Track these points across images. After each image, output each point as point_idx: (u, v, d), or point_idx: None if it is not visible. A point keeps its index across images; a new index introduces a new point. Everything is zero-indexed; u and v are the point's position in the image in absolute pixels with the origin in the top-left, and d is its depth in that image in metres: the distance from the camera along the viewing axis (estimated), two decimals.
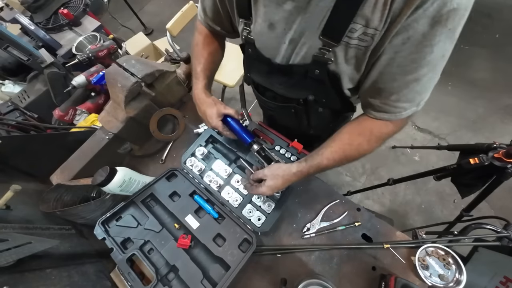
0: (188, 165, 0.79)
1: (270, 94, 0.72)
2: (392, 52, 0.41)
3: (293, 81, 0.61)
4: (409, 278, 0.60)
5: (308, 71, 0.54)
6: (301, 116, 0.74)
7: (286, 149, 0.78)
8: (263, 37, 0.56)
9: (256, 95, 0.80)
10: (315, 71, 0.53)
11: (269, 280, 0.66)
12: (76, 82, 1.02)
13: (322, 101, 0.63)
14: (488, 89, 1.96)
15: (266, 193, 0.60)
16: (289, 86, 0.64)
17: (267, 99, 0.75)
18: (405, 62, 0.42)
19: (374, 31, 0.40)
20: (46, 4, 1.60)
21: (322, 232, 0.69)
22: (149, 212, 0.73)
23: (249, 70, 0.72)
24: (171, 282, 0.64)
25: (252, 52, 0.61)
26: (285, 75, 0.61)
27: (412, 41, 0.38)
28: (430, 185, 1.68)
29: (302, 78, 0.57)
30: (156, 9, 3.30)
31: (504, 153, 0.80)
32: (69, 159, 0.82)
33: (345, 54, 0.47)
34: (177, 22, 1.51)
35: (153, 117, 0.86)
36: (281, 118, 0.84)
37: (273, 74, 0.64)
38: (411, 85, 0.44)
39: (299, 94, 0.64)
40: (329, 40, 0.46)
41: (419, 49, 0.39)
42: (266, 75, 0.66)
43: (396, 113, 0.49)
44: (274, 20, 0.50)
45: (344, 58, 0.48)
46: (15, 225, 0.61)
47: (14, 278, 0.53)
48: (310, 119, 0.74)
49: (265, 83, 0.70)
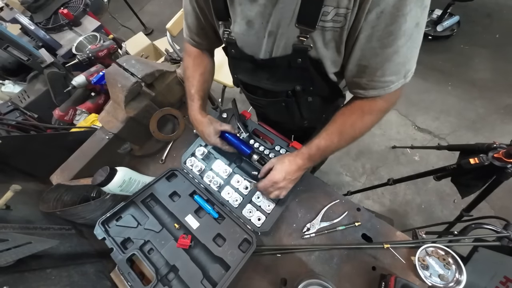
0: (188, 165, 0.79)
1: (259, 91, 0.73)
2: (369, 28, 0.43)
3: (278, 74, 0.62)
4: (409, 278, 0.60)
5: (291, 62, 0.56)
6: (292, 109, 0.74)
7: (286, 149, 0.78)
8: (243, 35, 0.57)
9: (246, 95, 0.81)
10: (297, 60, 0.54)
11: (269, 280, 0.66)
12: (76, 82, 1.02)
13: (309, 89, 0.64)
14: (488, 89, 1.96)
15: (280, 182, 0.62)
16: (275, 80, 0.65)
17: (257, 96, 0.76)
18: (383, 35, 0.43)
19: (346, 11, 0.42)
20: (46, 4, 1.60)
21: (322, 232, 0.70)
22: (149, 212, 0.73)
23: (235, 71, 0.73)
24: (171, 282, 0.64)
25: (235, 52, 0.63)
26: (270, 70, 0.62)
27: (385, 13, 0.40)
28: (430, 185, 1.68)
29: (287, 69, 0.59)
30: (156, 9, 3.30)
31: (504, 153, 0.80)
32: (69, 159, 0.82)
33: (323, 38, 0.49)
34: (177, 22, 1.51)
35: (153, 117, 0.86)
36: (273, 114, 0.85)
37: (258, 71, 0.65)
38: (393, 57, 0.46)
39: (286, 86, 0.65)
40: (305, 26, 0.47)
41: (393, 21, 0.41)
42: (252, 73, 0.67)
43: (385, 88, 0.51)
44: (251, 17, 0.52)
45: (323, 43, 0.50)
46: (15, 225, 0.61)
47: (14, 278, 0.53)
48: (301, 110, 0.75)
49: (252, 81, 0.70)
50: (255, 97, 0.76)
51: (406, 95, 2.04)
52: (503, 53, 2.06)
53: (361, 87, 0.54)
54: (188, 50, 0.77)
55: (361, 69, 0.50)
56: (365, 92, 0.53)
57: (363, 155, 1.89)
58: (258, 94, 0.75)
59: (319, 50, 0.51)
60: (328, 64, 0.55)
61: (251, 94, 0.77)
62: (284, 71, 0.60)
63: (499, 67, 2.01)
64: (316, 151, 0.60)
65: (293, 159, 0.63)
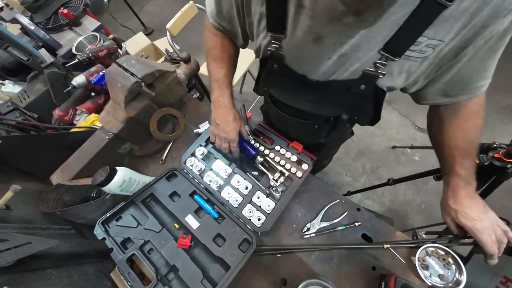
0: (188, 165, 0.79)
1: (292, 111, 0.67)
2: (474, 51, 0.41)
3: (326, 98, 0.57)
4: (409, 278, 0.60)
5: (351, 87, 0.51)
6: (322, 132, 0.70)
7: (286, 149, 0.78)
8: (301, 52, 0.49)
9: (272, 109, 0.74)
10: (360, 86, 0.50)
11: (269, 280, 0.66)
12: (76, 82, 1.02)
13: (354, 118, 0.60)
14: (488, 89, 1.95)
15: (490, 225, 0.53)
16: (319, 104, 0.59)
17: (288, 115, 0.69)
18: (485, 55, 0.42)
19: (438, 42, 0.40)
20: (46, 4, 1.59)
21: (322, 232, 0.69)
22: (149, 212, 0.73)
23: (268, 85, 0.66)
24: (171, 282, 0.64)
25: (278, 68, 0.55)
26: (319, 92, 0.56)
27: (494, 38, 0.39)
28: (430, 185, 1.68)
29: (340, 94, 0.54)
30: (156, 9, 3.30)
31: (504, 153, 0.80)
32: (69, 159, 0.82)
33: (400, 67, 0.45)
34: (177, 22, 1.51)
35: (153, 117, 0.86)
36: (296, 133, 0.79)
37: (301, 91, 0.58)
38: (490, 67, 0.46)
39: (330, 112, 0.61)
40: (389, 54, 0.43)
41: (499, 41, 0.40)
42: (291, 92, 0.61)
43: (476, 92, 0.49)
44: (323, 34, 0.44)
45: (398, 72, 0.46)
46: (15, 225, 0.61)
47: (14, 278, 0.53)
48: (331, 134, 0.71)
49: (288, 100, 0.64)
50: (285, 115, 0.70)
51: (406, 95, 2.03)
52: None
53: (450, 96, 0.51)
54: (213, 29, 0.65)
55: (452, 83, 0.48)
56: (454, 99, 0.51)
57: (363, 155, 1.89)
58: (291, 114, 0.68)
59: (390, 78, 0.47)
60: (389, 91, 0.52)
61: (281, 111, 0.70)
62: (335, 95, 0.54)
63: (499, 67, 1.99)
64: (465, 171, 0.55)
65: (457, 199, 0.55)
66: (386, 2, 0.36)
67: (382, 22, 0.39)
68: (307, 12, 0.42)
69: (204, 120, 0.91)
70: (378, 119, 0.64)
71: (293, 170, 0.74)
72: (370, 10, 0.37)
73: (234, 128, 0.66)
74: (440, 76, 0.48)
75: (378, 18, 0.38)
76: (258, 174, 0.77)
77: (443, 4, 0.34)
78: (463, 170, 0.55)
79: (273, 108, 0.73)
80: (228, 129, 0.66)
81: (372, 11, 0.38)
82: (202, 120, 0.92)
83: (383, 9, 0.37)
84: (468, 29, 0.38)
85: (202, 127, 0.90)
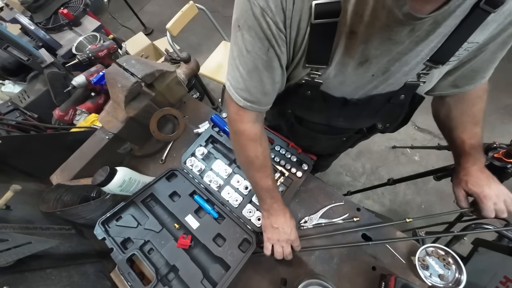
0: (188, 165, 0.79)
1: (321, 128, 0.62)
2: (494, 46, 0.43)
3: (363, 112, 0.55)
4: (409, 278, 0.60)
5: (391, 98, 0.50)
6: (348, 143, 0.69)
7: (286, 149, 0.78)
8: (344, 77, 0.46)
9: (296, 128, 0.67)
10: (400, 96, 0.49)
11: (269, 280, 0.66)
12: (76, 82, 1.02)
13: (386, 126, 0.60)
14: (488, 89, 1.96)
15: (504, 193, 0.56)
16: (355, 118, 0.57)
17: (315, 132, 0.65)
18: (497, 48, 0.44)
19: (474, 45, 0.41)
20: (46, 4, 1.59)
21: (320, 225, 0.70)
22: (149, 212, 0.73)
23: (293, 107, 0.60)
24: (171, 282, 0.64)
25: (312, 94, 0.51)
26: (356, 108, 0.53)
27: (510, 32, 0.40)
28: (430, 185, 1.67)
29: (379, 106, 0.53)
30: (156, 9, 3.30)
31: (504, 153, 0.80)
32: (69, 159, 0.82)
33: (440, 72, 0.46)
34: (177, 22, 1.51)
35: (153, 117, 0.86)
36: (321, 147, 0.74)
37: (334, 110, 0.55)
38: (497, 59, 0.47)
39: (364, 124, 0.60)
40: (434, 64, 0.42)
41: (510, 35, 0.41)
42: (322, 111, 0.56)
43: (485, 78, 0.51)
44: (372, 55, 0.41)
45: (437, 76, 0.47)
46: (15, 225, 0.61)
47: (14, 278, 0.53)
48: (355, 143, 0.71)
49: (317, 118, 0.60)
50: (312, 133, 0.65)
51: None
52: None
53: (458, 87, 0.52)
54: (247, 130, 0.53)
55: (462, 75, 0.49)
56: (462, 89, 0.52)
57: (363, 155, 1.89)
58: (318, 130, 0.64)
59: (429, 85, 0.48)
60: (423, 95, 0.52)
61: (307, 129, 0.65)
62: (374, 108, 0.53)
63: (499, 67, 1.99)
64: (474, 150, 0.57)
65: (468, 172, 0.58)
66: (441, 16, 0.35)
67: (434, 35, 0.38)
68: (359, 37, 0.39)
69: (204, 120, 0.91)
70: (405, 124, 0.65)
71: (293, 170, 0.74)
72: (425, 25, 0.36)
73: (294, 226, 0.62)
74: (455, 69, 0.48)
75: (432, 32, 0.37)
76: None
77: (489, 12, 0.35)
78: (472, 149, 0.58)
79: (297, 127, 0.67)
80: (289, 230, 0.60)
81: (426, 25, 0.36)
82: (202, 120, 0.92)
83: (438, 23, 0.36)
84: (499, 29, 0.39)
85: (202, 127, 0.90)
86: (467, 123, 0.57)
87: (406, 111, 0.59)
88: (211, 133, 0.83)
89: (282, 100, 0.57)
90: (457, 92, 0.53)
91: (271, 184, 0.59)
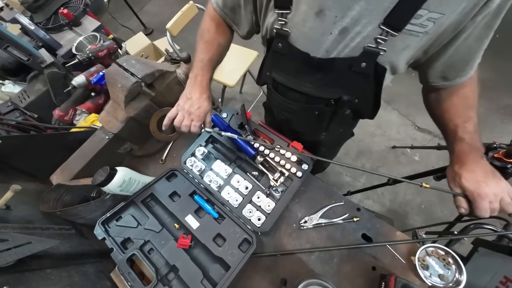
0: (188, 165, 0.79)
1: (294, 95, 0.67)
2: (471, 28, 0.42)
3: (328, 78, 0.57)
4: (409, 278, 0.60)
5: (353, 65, 0.51)
6: (323, 120, 0.70)
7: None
8: (305, 27, 0.50)
9: (274, 96, 0.74)
10: (361, 64, 0.50)
11: (269, 280, 0.66)
12: (76, 82, 1.02)
13: (354, 101, 0.60)
14: (488, 89, 1.96)
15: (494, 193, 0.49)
16: (321, 85, 0.59)
17: (290, 100, 0.69)
18: (481, 32, 0.43)
19: (439, 16, 0.40)
20: (46, 4, 1.59)
21: (320, 225, 0.70)
22: (149, 212, 0.73)
23: (272, 68, 0.67)
24: (171, 282, 0.64)
25: (283, 47, 0.56)
26: (321, 72, 0.56)
27: (490, 13, 0.40)
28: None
29: (342, 74, 0.54)
30: (156, 9, 3.30)
31: (504, 153, 0.80)
32: (69, 159, 0.82)
33: (403, 42, 0.45)
34: (177, 22, 1.51)
35: (153, 117, 0.86)
36: (297, 122, 0.78)
37: (303, 72, 0.59)
38: (482, 47, 0.46)
39: (331, 94, 0.60)
40: (389, 28, 0.42)
41: (494, 17, 0.41)
42: (295, 74, 0.61)
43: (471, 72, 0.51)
44: (326, 6, 0.45)
45: (400, 47, 0.46)
46: (15, 225, 0.61)
47: (14, 278, 0.53)
48: (331, 122, 0.71)
49: (291, 82, 0.64)
50: (287, 101, 0.70)
51: (406, 95, 2.04)
52: (503, 53, 2.06)
53: (448, 79, 0.52)
54: (212, 14, 0.68)
55: (450, 64, 0.49)
56: (453, 82, 0.52)
57: (363, 155, 1.89)
58: (291, 98, 0.68)
59: (391, 55, 0.47)
60: (390, 70, 0.52)
61: (283, 97, 0.70)
62: (337, 74, 0.55)
63: (499, 67, 2.01)
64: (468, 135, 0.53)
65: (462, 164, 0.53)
66: None
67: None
68: None
69: None
70: (378, 107, 0.65)
71: (293, 170, 0.74)
72: None
73: (205, 108, 0.64)
74: (439, 54, 0.48)
75: None
76: (258, 174, 0.77)
77: None
78: (466, 134, 0.53)
79: (275, 94, 0.73)
80: (198, 106, 0.63)
81: None
82: None
83: None
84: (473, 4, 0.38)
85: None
86: (459, 105, 0.54)
87: (372, 86, 0.57)
88: (211, 133, 0.83)
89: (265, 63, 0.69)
90: (448, 85, 0.53)
91: (206, 60, 0.66)
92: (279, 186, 0.72)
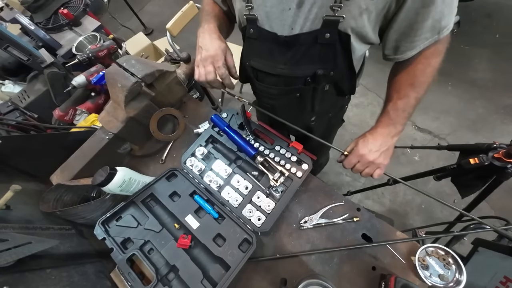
0: (188, 165, 0.79)
1: (272, 79, 0.70)
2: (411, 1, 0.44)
3: (298, 56, 0.59)
4: (409, 278, 0.60)
5: (318, 37, 0.53)
6: (305, 100, 0.72)
7: (286, 149, 0.78)
8: (266, 7, 0.54)
9: (256, 85, 0.77)
10: (325, 35, 0.52)
11: (269, 280, 0.66)
12: (76, 82, 1.02)
13: (330, 74, 0.62)
14: (488, 89, 1.96)
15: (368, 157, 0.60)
16: (294, 63, 0.62)
17: (269, 85, 0.72)
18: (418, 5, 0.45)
19: None
20: (46, 4, 1.59)
21: (320, 225, 0.70)
22: (149, 212, 0.73)
23: (249, 56, 0.70)
24: (171, 282, 0.64)
25: (254, 31, 0.60)
26: (290, 50, 0.59)
27: None
28: (430, 185, 1.67)
29: (309, 48, 0.56)
30: (156, 9, 3.30)
31: (504, 153, 0.80)
32: (69, 159, 0.82)
33: (358, 7, 0.47)
34: (177, 22, 1.51)
35: (153, 117, 0.86)
36: (283, 108, 0.80)
37: (275, 54, 0.62)
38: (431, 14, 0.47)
39: (306, 71, 0.63)
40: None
41: None
42: (268, 57, 0.64)
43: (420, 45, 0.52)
44: None
45: (356, 13, 0.48)
46: (15, 225, 0.61)
47: (14, 278, 0.53)
48: (314, 102, 0.73)
49: (267, 67, 0.67)
50: (266, 86, 0.73)
51: None
52: (503, 53, 2.06)
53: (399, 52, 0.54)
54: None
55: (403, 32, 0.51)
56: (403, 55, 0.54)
57: None
58: (270, 82, 0.71)
59: (350, 21, 0.49)
60: (355, 37, 0.54)
61: (262, 83, 0.73)
62: (306, 50, 0.57)
63: (499, 67, 2.01)
64: (394, 112, 0.59)
65: (374, 131, 0.62)
66: None
67: None
68: None
69: (204, 120, 0.91)
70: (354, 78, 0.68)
71: (293, 170, 0.74)
72: None
73: (219, 45, 0.61)
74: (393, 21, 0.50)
75: None
76: (258, 174, 0.77)
77: None
78: (392, 110, 0.59)
79: (256, 83, 0.76)
80: (211, 47, 0.61)
81: None
82: (202, 120, 0.92)
83: None
84: None
85: (202, 127, 0.90)
86: (402, 81, 0.58)
87: (342, 54, 0.58)
88: (211, 133, 0.83)
89: (243, 53, 0.73)
90: (400, 58, 0.56)
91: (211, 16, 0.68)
92: (279, 186, 0.72)
